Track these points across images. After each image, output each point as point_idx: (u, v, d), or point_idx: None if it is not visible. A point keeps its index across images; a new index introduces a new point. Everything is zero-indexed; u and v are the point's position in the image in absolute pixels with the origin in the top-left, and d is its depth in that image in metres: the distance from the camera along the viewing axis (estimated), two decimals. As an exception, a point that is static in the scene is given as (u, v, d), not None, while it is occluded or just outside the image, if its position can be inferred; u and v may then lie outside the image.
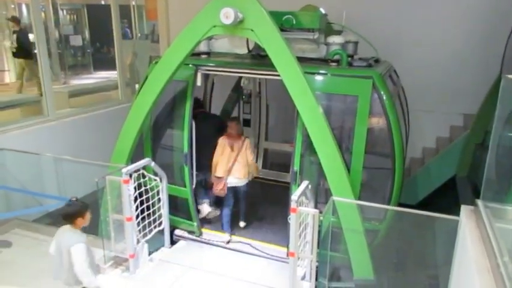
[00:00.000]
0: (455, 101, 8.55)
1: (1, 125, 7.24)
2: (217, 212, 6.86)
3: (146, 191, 5.72)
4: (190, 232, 6.60)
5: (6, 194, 6.88)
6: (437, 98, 8.60)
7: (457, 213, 4.00)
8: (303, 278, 5.04)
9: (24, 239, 6.55)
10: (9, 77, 12.30)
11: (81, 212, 4.25)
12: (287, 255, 5.17)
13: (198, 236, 6.54)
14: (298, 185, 5.16)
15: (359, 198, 5.30)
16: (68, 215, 4.23)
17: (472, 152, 7.78)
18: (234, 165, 6.20)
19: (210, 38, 6.19)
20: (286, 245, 5.31)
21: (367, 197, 5.53)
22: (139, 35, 13.98)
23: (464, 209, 3.90)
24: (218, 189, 6.24)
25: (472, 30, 8.23)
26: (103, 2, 15.10)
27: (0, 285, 5.42)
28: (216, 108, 8.84)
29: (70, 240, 4.17)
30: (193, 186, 6.39)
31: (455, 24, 8.31)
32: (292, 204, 4.49)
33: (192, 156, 6.29)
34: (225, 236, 6.44)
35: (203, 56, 6.43)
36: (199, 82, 6.13)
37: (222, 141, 6.27)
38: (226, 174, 6.21)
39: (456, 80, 8.41)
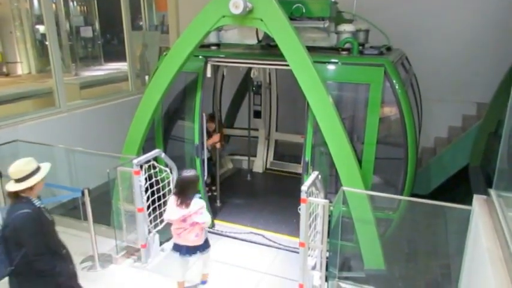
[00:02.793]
0: (468, 90, 8.43)
1: (14, 117, 7.31)
2: None
3: (157, 182, 5.75)
4: (202, 223, 6.63)
5: (20, 185, 6.96)
6: (450, 86, 8.48)
7: (470, 202, 3.97)
8: (314, 267, 5.04)
9: (38, 230, 6.63)
10: (22, 69, 12.41)
11: None
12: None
13: (211, 228, 6.58)
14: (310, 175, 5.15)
15: (372, 188, 5.28)
16: None
17: (485, 141, 7.68)
18: None
19: (219, 29, 6.18)
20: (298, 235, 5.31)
21: (380, 187, 5.52)
22: (149, 26, 13.97)
23: (477, 199, 3.87)
24: None
25: (486, 18, 8.07)
26: (113, -7, 15.08)
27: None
28: (226, 100, 8.85)
29: None
30: (205, 177, 6.40)
31: (469, 11, 8.16)
32: (302, 195, 4.47)
33: (203, 148, 6.30)
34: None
35: (213, 48, 6.42)
36: (209, 73, 6.13)
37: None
38: None
39: (469, 68, 8.28)
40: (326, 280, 5.02)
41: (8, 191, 3.60)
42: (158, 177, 5.76)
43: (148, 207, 5.65)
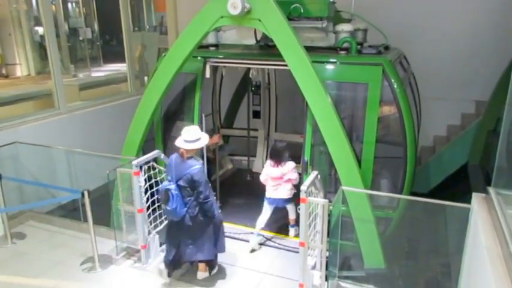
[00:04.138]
0: (467, 88, 8.45)
1: (14, 119, 7.32)
2: None
3: (156, 183, 5.75)
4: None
5: (20, 187, 6.97)
6: (449, 85, 8.50)
7: (469, 201, 3.97)
8: (314, 267, 5.04)
9: (38, 231, 6.64)
10: (21, 71, 12.39)
11: None
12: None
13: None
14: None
15: (371, 187, 5.29)
16: None
17: (484, 139, 7.70)
18: None
19: (218, 30, 6.19)
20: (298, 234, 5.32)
21: (380, 186, 5.51)
22: (147, 27, 13.97)
23: (476, 197, 3.88)
24: None
25: (485, 17, 8.09)
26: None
27: (15, 276, 5.51)
28: (225, 100, 8.84)
29: None
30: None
31: (468, 10, 8.18)
32: (302, 194, 4.48)
33: (203, 149, 6.30)
34: None
35: (211, 48, 6.42)
36: (208, 74, 6.14)
37: None
38: None
39: (468, 67, 8.30)
40: (326, 279, 5.03)
41: (182, 148, 4.77)
42: (158, 178, 5.76)
43: (148, 208, 5.65)
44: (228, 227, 6.57)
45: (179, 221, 4.88)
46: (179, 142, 4.79)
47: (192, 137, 4.79)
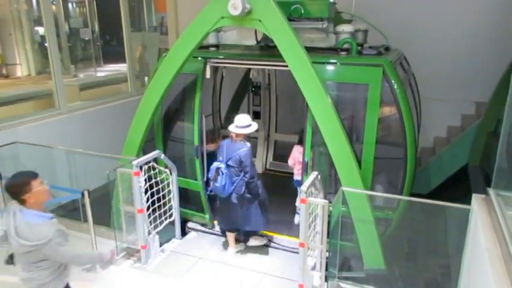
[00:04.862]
0: (467, 89, 8.43)
1: (14, 119, 7.32)
2: None
3: (157, 183, 5.76)
4: (202, 224, 6.64)
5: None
6: (449, 86, 8.49)
7: (469, 202, 3.97)
8: (313, 268, 5.05)
9: (38, 231, 6.62)
10: (21, 71, 12.39)
11: None
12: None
13: (211, 229, 6.58)
14: (310, 176, 5.15)
15: (371, 188, 5.29)
16: None
17: (484, 140, 7.69)
18: None
19: (218, 30, 6.19)
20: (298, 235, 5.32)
21: (380, 187, 5.51)
22: (148, 27, 13.97)
23: (476, 198, 3.88)
24: None
25: (485, 18, 8.08)
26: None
27: (15, 276, 5.49)
28: (225, 101, 8.84)
29: None
30: (205, 178, 6.41)
31: (468, 10, 8.17)
32: (302, 195, 4.49)
33: (202, 149, 6.31)
34: None
35: (212, 49, 6.42)
36: (208, 75, 6.14)
37: None
38: None
39: (468, 68, 8.29)
40: (326, 280, 5.03)
41: (234, 133, 5.43)
42: (158, 179, 5.76)
43: (148, 208, 5.66)
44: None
45: (227, 199, 5.51)
46: (231, 127, 5.45)
47: (243, 123, 5.44)
